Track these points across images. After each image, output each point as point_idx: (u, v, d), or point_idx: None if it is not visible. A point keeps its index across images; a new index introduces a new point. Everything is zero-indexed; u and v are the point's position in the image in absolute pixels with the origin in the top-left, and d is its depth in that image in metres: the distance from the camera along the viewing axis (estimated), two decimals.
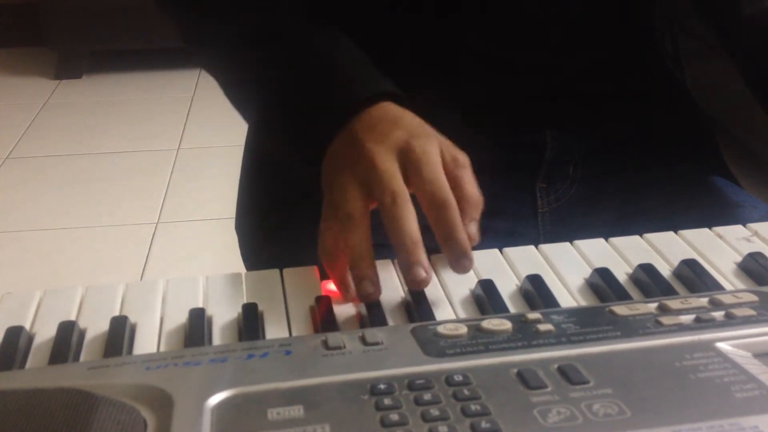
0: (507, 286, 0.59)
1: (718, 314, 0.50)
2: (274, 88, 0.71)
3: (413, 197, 0.58)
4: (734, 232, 0.65)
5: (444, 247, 0.57)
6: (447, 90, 0.78)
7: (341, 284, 0.58)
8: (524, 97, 0.80)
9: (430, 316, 0.55)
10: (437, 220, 0.57)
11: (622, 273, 0.60)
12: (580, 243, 0.64)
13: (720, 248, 0.63)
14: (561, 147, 0.82)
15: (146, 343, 0.54)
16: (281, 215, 0.83)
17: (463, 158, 0.61)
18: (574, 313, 0.52)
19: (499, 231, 0.80)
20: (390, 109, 0.64)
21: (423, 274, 0.55)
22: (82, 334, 0.55)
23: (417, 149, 0.59)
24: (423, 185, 0.58)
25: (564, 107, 0.81)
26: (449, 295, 0.58)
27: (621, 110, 0.83)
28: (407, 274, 0.56)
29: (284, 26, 0.73)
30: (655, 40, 0.86)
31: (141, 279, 1.97)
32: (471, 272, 0.61)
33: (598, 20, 0.80)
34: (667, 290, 0.57)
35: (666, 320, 0.50)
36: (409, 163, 0.59)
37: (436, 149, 0.60)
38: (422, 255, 0.56)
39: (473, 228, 0.58)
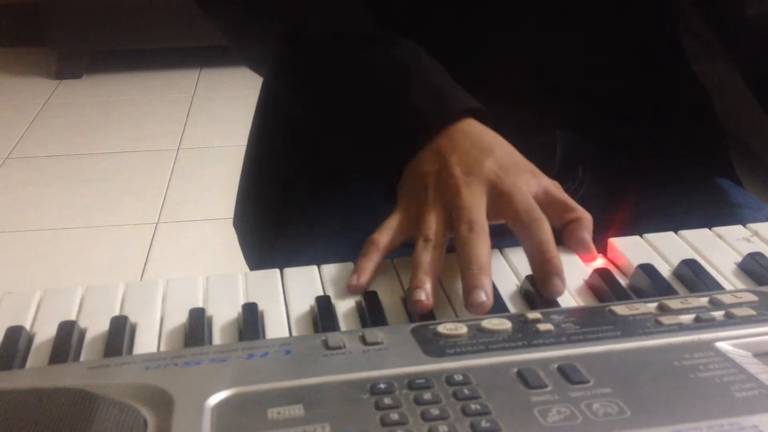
0: (507, 286, 0.59)
1: (718, 314, 0.50)
2: (350, 97, 0.70)
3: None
4: (734, 232, 0.65)
5: (534, 266, 0.57)
6: None
7: (360, 270, 0.59)
8: (535, 98, 0.80)
9: (430, 315, 0.55)
10: (529, 237, 0.57)
11: (622, 273, 0.60)
12: None
13: (720, 248, 0.63)
14: (571, 148, 0.82)
15: (146, 342, 0.54)
16: (283, 210, 0.83)
17: (557, 183, 0.62)
18: (574, 313, 0.52)
19: (505, 230, 0.79)
20: (476, 128, 0.64)
21: (483, 297, 0.54)
22: (82, 334, 0.55)
23: (507, 183, 0.60)
24: (517, 210, 0.58)
25: (575, 108, 0.81)
26: (449, 295, 0.58)
27: (633, 112, 0.83)
28: (468, 297, 0.54)
29: (357, 31, 0.73)
30: (668, 41, 0.86)
31: (141, 279, 1.97)
32: None
33: (611, 21, 0.80)
34: (667, 290, 0.57)
35: (666, 320, 0.50)
36: (500, 196, 0.59)
37: (526, 183, 0.60)
38: (486, 281, 0.55)
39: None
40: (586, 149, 0.82)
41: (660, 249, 0.63)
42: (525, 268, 0.61)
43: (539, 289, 0.56)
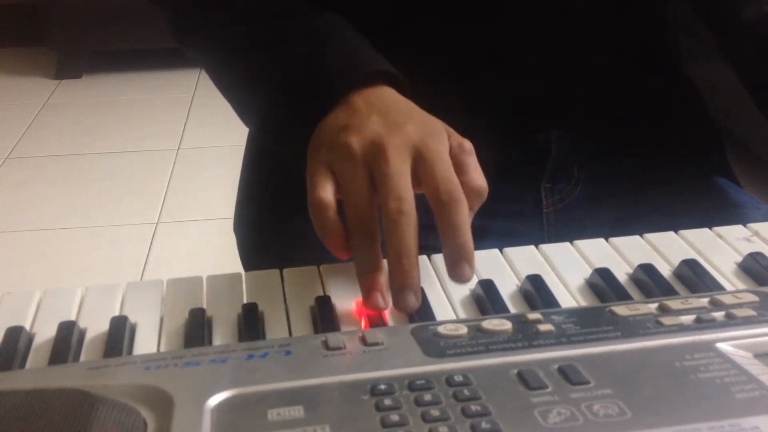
0: (507, 286, 0.59)
1: (719, 314, 0.50)
2: (269, 68, 0.69)
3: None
4: (734, 232, 0.65)
5: (446, 248, 0.55)
6: (453, 89, 0.78)
7: (338, 244, 0.56)
8: (531, 97, 0.80)
9: (430, 316, 0.55)
10: (445, 218, 0.55)
11: (622, 273, 0.60)
12: (581, 243, 0.64)
13: (720, 248, 0.63)
14: (566, 147, 0.82)
15: (146, 343, 0.54)
16: (280, 216, 0.83)
17: (469, 145, 0.59)
18: (575, 314, 0.52)
19: (502, 231, 0.79)
20: (391, 94, 0.62)
21: (414, 302, 0.53)
22: (82, 334, 0.55)
23: (432, 149, 0.57)
24: (437, 182, 0.56)
25: (570, 108, 0.81)
26: (449, 295, 0.58)
27: (628, 111, 0.83)
28: (398, 297, 0.53)
29: (282, 8, 0.72)
30: (664, 41, 0.86)
31: (141, 279, 1.97)
32: None
33: (607, 21, 0.80)
34: (668, 290, 0.57)
35: (666, 320, 0.50)
36: (423, 162, 0.57)
37: (447, 148, 0.58)
38: (416, 279, 0.53)
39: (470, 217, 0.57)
40: (582, 149, 0.82)
41: (660, 249, 0.63)
42: (525, 268, 0.61)
43: (448, 273, 0.55)
